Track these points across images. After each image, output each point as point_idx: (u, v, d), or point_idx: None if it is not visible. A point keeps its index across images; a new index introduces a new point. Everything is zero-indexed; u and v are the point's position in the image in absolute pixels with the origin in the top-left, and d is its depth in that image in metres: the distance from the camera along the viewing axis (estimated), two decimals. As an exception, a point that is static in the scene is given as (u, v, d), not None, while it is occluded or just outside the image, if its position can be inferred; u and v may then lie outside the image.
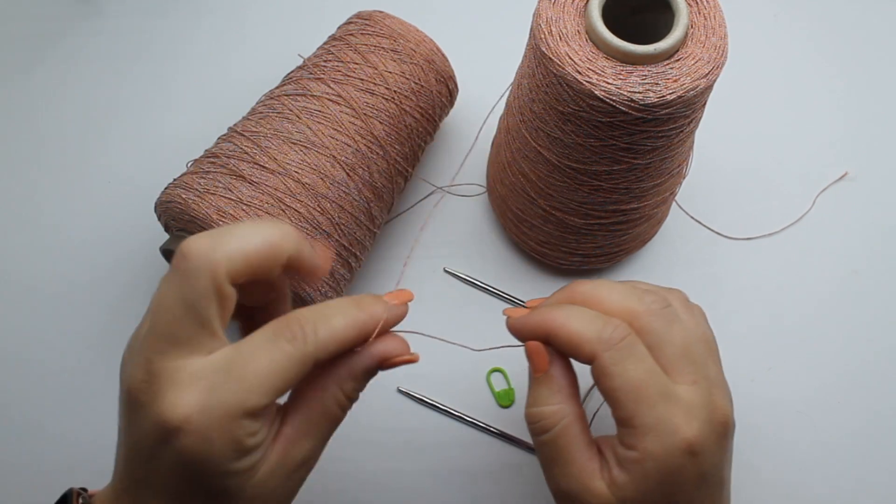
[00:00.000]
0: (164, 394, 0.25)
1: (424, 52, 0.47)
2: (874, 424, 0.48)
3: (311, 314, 0.27)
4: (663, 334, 0.30)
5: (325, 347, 0.27)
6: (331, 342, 0.27)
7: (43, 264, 0.52)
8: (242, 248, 0.26)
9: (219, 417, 0.25)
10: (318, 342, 0.27)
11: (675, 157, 0.41)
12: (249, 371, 0.25)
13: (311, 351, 0.26)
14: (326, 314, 0.27)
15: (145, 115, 0.57)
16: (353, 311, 0.28)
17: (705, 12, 0.37)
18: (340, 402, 0.29)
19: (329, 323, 0.27)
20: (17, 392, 0.48)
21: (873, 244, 0.53)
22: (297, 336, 0.26)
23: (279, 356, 0.26)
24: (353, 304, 0.28)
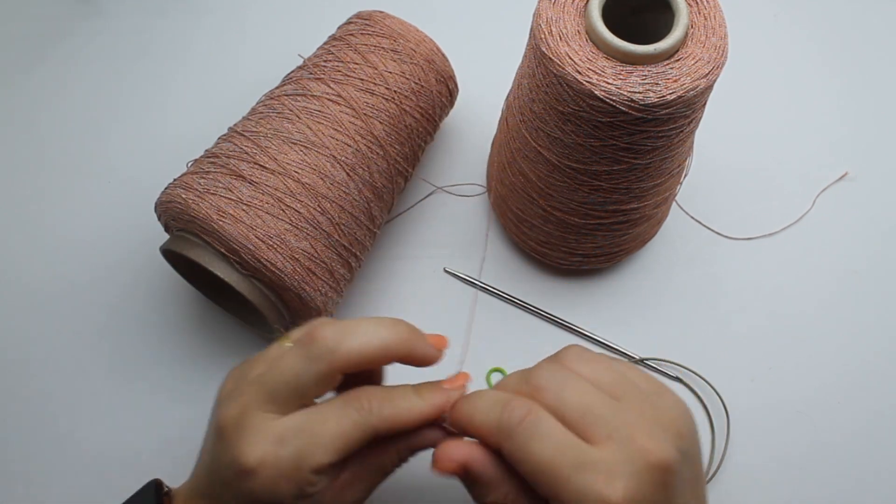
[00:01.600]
0: (248, 438, 0.30)
1: (424, 52, 0.47)
2: (874, 424, 0.48)
3: (381, 393, 0.31)
4: (559, 404, 0.29)
5: (386, 423, 0.31)
6: (391, 421, 0.31)
7: (43, 264, 0.52)
8: (362, 348, 0.30)
9: (287, 468, 0.29)
10: (381, 418, 0.31)
11: (676, 157, 0.41)
12: (319, 432, 0.30)
13: (374, 423, 0.30)
14: (393, 396, 0.31)
15: (145, 115, 0.57)
16: (416, 399, 0.32)
17: (705, 12, 0.37)
18: (395, 462, 0.33)
19: (393, 403, 0.31)
20: (17, 392, 0.48)
21: (873, 244, 0.53)
22: (365, 408, 0.30)
23: (346, 422, 0.30)
24: (416, 393, 0.32)
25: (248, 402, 0.31)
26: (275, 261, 0.40)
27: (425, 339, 0.33)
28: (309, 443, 0.29)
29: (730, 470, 0.46)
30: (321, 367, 0.30)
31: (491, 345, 0.49)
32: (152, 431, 0.47)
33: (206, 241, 0.41)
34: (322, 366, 0.30)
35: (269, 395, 0.30)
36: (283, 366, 0.31)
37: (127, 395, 0.48)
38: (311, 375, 0.30)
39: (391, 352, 0.31)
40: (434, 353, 0.33)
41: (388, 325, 0.32)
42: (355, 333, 0.31)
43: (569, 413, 0.29)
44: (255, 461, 0.29)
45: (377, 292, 0.51)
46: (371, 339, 0.31)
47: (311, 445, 0.29)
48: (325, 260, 0.42)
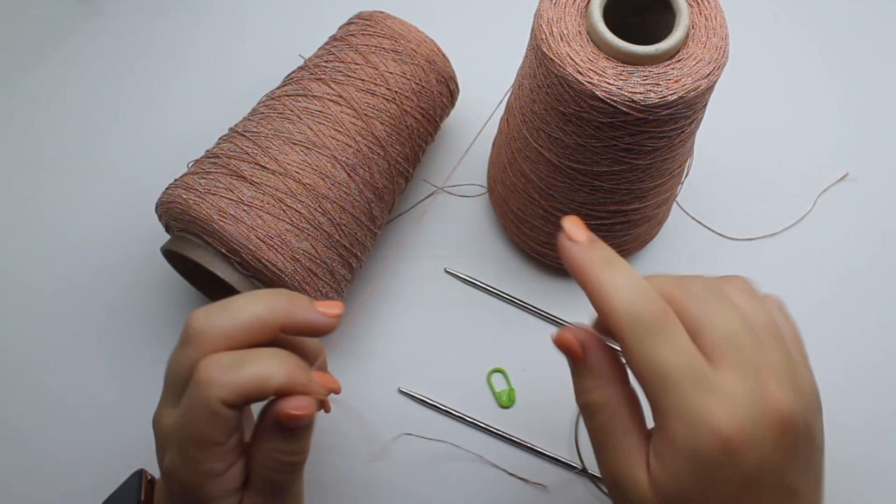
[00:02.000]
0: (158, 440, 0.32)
1: (425, 53, 0.47)
2: (875, 425, 0.48)
3: (228, 359, 0.29)
4: (704, 318, 0.27)
5: (232, 392, 0.29)
6: (235, 387, 0.29)
7: (43, 264, 0.52)
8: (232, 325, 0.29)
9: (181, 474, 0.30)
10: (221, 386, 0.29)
11: (676, 157, 0.41)
12: (184, 423, 0.30)
13: (214, 394, 0.29)
14: (241, 361, 0.29)
15: (146, 116, 0.57)
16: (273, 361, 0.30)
17: (706, 13, 0.37)
18: (269, 465, 0.31)
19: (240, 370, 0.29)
20: (17, 392, 0.48)
21: (874, 245, 0.53)
22: (203, 383, 0.29)
23: (195, 406, 0.29)
24: (274, 356, 0.30)
25: (161, 398, 0.32)
26: (275, 261, 0.40)
27: (310, 304, 0.31)
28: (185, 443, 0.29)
29: (730, 470, 0.46)
30: (191, 351, 0.29)
31: (491, 345, 0.49)
32: (151, 430, 0.46)
33: (206, 242, 0.41)
34: (193, 350, 0.29)
35: (166, 390, 0.31)
36: (170, 359, 0.31)
37: (127, 395, 0.48)
38: (186, 363, 0.29)
39: (265, 322, 0.30)
40: (320, 318, 0.31)
41: (261, 298, 0.30)
42: (224, 312, 0.30)
43: (709, 333, 0.27)
44: (166, 466, 0.30)
45: (378, 293, 0.51)
46: (239, 315, 0.30)
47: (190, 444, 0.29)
48: (325, 260, 0.42)
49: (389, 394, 0.48)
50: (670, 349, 0.26)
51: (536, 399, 0.48)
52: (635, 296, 0.27)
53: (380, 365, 0.49)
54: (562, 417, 0.47)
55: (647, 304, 0.27)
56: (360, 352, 0.49)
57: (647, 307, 0.26)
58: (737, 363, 0.26)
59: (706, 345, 0.26)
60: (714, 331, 0.27)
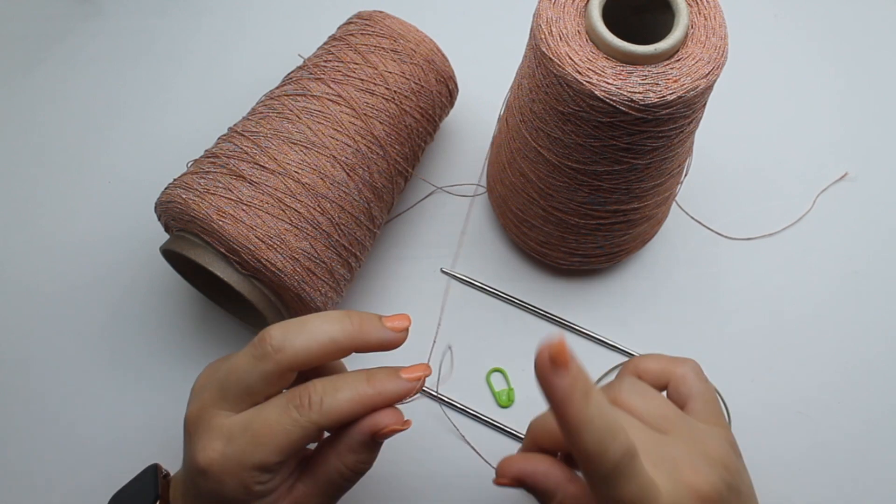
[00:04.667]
0: (202, 437, 0.31)
1: (424, 53, 0.47)
2: (874, 425, 0.48)
3: (321, 386, 0.31)
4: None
5: (329, 418, 0.30)
6: (334, 414, 0.30)
7: (43, 264, 0.52)
8: (307, 344, 0.31)
9: (232, 467, 0.30)
10: (322, 413, 0.30)
11: (676, 157, 0.41)
12: (262, 432, 0.30)
13: (315, 419, 0.30)
14: (336, 387, 0.31)
15: (145, 115, 0.57)
16: (362, 386, 0.31)
17: (705, 12, 0.37)
18: (342, 472, 0.32)
19: (336, 396, 0.31)
20: (17, 391, 0.48)
21: (873, 244, 0.53)
22: (304, 405, 0.30)
23: (286, 421, 0.30)
24: (364, 380, 0.32)
25: (206, 400, 0.32)
26: (275, 261, 0.40)
27: (380, 323, 0.32)
28: (251, 441, 0.30)
29: (730, 470, 0.46)
30: (267, 366, 0.30)
31: (491, 345, 0.49)
32: (152, 430, 0.47)
33: (206, 242, 0.41)
34: (268, 365, 0.30)
35: (223, 393, 0.31)
36: (234, 365, 0.31)
37: (127, 395, 0.48)
38: (257, 375, 0.31)
39: (340, 345, 0.31)
40: (391, 336, 0.32)
41: (335, 320, 0.31)
42: (301, 331, 0.31)
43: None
44: (206, 460, 0.30)
45: (377, 292, 0.51)
46: (316, 336, 0.31)
47: (253, 444, 0.30)
48: (325, 260, 0.42)
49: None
50: (633, 487, 0.27)
51: (536, 399, 0.48)
52: (605, 435, 0.28)
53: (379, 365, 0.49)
54: (561, 417, 0.47)
55: (614, 444, 0.28)
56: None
57: (613, 447, 0.28)
58: (651, 465, 0.28)
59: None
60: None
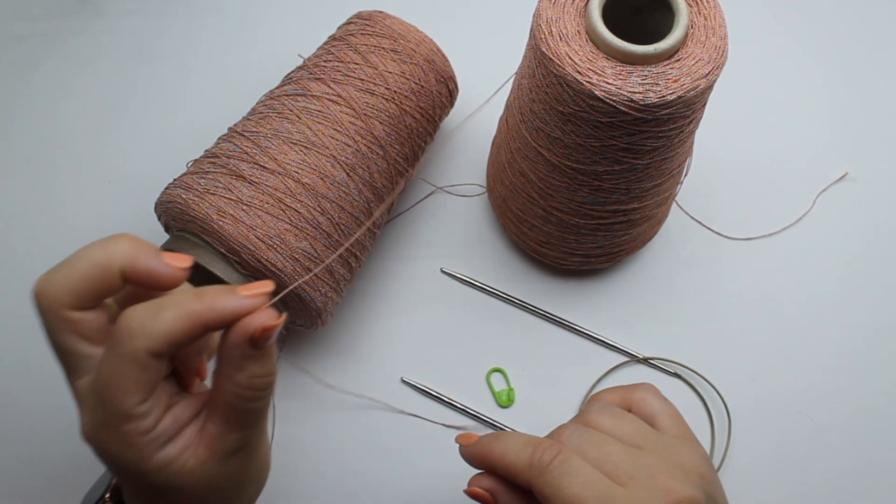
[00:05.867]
0: (80, 412, 0.29)
1: (424, 53, 0.47)
2: (874, 425, 0.48)
3: (143, 310, 0.27)
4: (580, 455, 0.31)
5: (156, 340, 0.27)
6: (160, 335, 0.27)
7: (43, 264, 0.51)
8: (69, 276, 0.28)
9: (102, 429, 0.27)
10: (147, 336, 0.26)
11: (676, 157, 0.41)
12: (103, 385, 0.27)
13: (140, 346, 0.26)
14: (159, 306, 0.27)
15: (145, 115, 0.57)
16: (189, 302, 0.27)
17: (705, 12, 0.37)
18: (239, 394, 0.28)
19: (160, 316, 0.27)
20: (17, 391, 0.48)
21: (873, 244, 0.53)
22: (125, 334, 0.27)
23: (116, 362, 0.27)
24: (192, 296, 0.28)
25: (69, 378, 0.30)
26: (275, 261, 0.40)
27: (154, 253, 0.29)
28: (101, 399, 0.27)
29: (731, 470, 0.46)
30: (45, 314, 0.28)
31: (491, 345, 0.49)
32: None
33: (206, 242, 0.41)
34: (46, 315, 0.28)
35: (62, 364, 0.29)
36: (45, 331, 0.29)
37: (127, 395, 0.48)
38: (48, 328, 0.28)
39: (106, 269, 0.28)
40: (165, 270, 0.29)
41: (100, 244, 0.29)
42: (63, 264, 0.28)
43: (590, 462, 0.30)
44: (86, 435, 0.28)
45: (377, 292, 0.51)
46: (78, 264, 0.28)
47: (102, 399, 0.27)
48: (324, 260, 0.42)
49: (389, 392, 0.48)
50: (575, 478, 0.30)
51: (535, 398, 0.48)
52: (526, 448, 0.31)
53: (379, 365, 0.49)
54: (561, 417, 0.47)
55: (539, 451, 0.31)
56: (359, 352, 0.49)
57: (541, 453, 0.30)
58: (626, 475, 0.30)
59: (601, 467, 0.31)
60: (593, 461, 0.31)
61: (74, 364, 0.29)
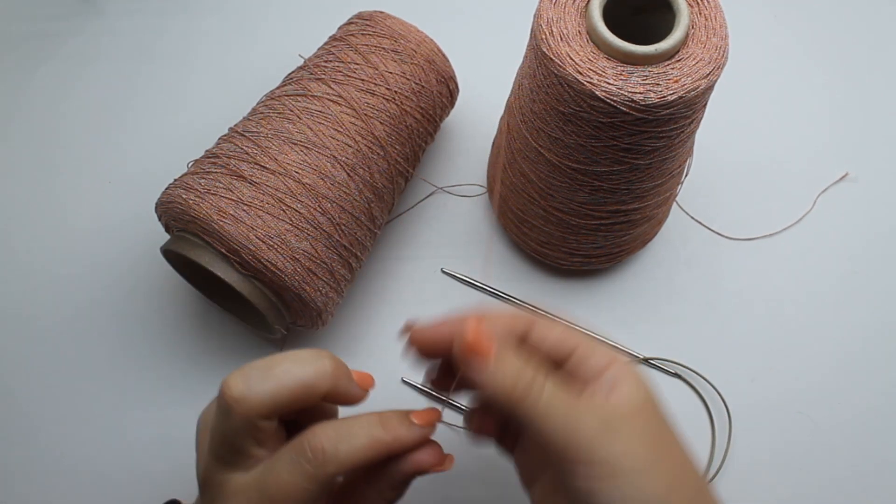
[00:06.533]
0: (217, 501, 0.29)
1: (425, 53, 0.47)
2: (875, 424, 0.48)
3: (333, 433, 0.28)
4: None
5: (346, 467, 0.28)
6: (350, 463, 0.28)
7: (43, 264, 0.52)
8: (275, 392, 0.28)
9: None
10: (338, 462, 0.28)
11: (676, 157, 0.41)
12: (278, 494, 0.28)
13: (331, 471, 0.28)
14: (350, 433, 0.29)
15: (146, 115, 0.57)
16: (378, 431, 0.29)
17: (706, 13, 0.37)
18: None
19: (351, 443, 0.28)
20: (17, 391, 0.48)
21: (874, 245, 0.53)
22: (318, 457, 0.28)
23: (301, 478, 0.28)
24: (378, 424, 0.29)
25: (207, 460, 0.30)
26: (275, 261, 0.40)
27: (350, 377, 0.30)
28: (284, 495, 0.28)
29: (731, 470, 0.46)
30: (233, 421, 0.28)
31: (491, 345, 0.49)
32: (152, 430, 0.47)
33: (206, 242, 0.41)
34: (234, 420, 0.28)
35: (215, 454, 0.29)
36: (214, 428, 0.29)
37: (127, 395, 0.48)
38: (230, 430, 0.28)
39: (312, 391, 0.29)
40: (358, 393, 0.31)
41: (306, 361, 0.29)
42: (265, 377, 0.28)
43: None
44: None
45: (378, 292, 0.51)
46: (283, 381, 0.28)
47: (286, 498, 0.28)
48: (325, 260, 0.42)
49: (389, 392, 0.48)
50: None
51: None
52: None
53: (379, 365, 0.49)
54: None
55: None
56: (359, 352, 0.49)
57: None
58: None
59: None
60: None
61: (236, 461, 0.29)
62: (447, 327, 0.31)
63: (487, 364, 0.29)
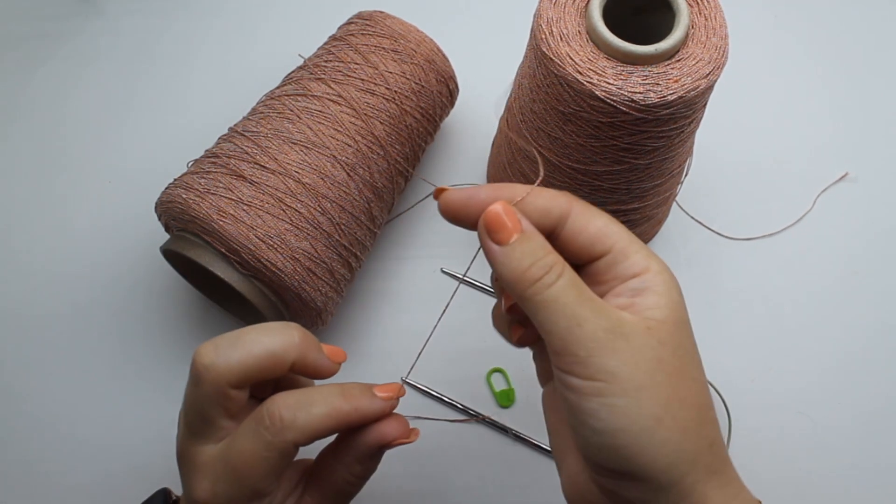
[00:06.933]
0: (190, 475, 0.30)
1: (425, 53, 0.47)
2: (874, 425, 0.48)
3: (293, 401, 0.29)
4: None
5: (304, 434, 0.28)
6: (309, 430, 0.28)
7: (43, 264, 0.52)
8: (243, 360, 0.28)
9: (226, 500, 0.29)
10: (296, 430, 0.28)
11: (676, 157, 0.41)
12: (240, 465, 0.29)
13: (290, 438, 0.28)
14: (309, 401, 0.29)
15: (146, 115, 0.57)
16: (337, 400, 0.29)
17: (706, 13, 0.37)
18: (349, 480, 0.31)
19: (310, 412, 0.29)
20: (17, 391, 0.48)
21: (873, 245, 0.53)
22: (276, 425, 0.28)
23: (260, 447, 0.28)
24: (338, 394, 0.29)
25: (182, 433, 0.31)
26: (275, 261, 0.40)
27: (320, 348, 0.30)
28: (234, 476, 0.29)
29: (730, 470, 0.46)
30: (204, 388, 0.28)
31: (491, 345, 0.49)
32: (151, 430, 0.47)
33: (206, 241, 0.41)
34: (204, 387, 0.28)
35: (188, 427, 0.30)
36: (187, 399, 0.30)
37: (127, 395, 0.48)
38: (201, 399, 0.29)
39: (280, 360, 0.29)
40: (328, 365, 0.31)
41: (274, 331, 0.29)
42: (234, 346, 0.29)
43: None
44: (199, 499, 0.29)
45: (378, 292, 0.51)
46: (251, 349, 0.29)
47: (236, 478, 0.29)
48: (325, 260, 0.42)
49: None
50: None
51: (536, 398, 0.48)
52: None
53: (379, 365, 0.49)
54: (561, 417, 0.48)
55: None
56: (359, 352, 0.49)
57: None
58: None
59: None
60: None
61: (205, 431, 0.30)
62: (480, 196, 0.29)
63: (507, 241, 0.27)
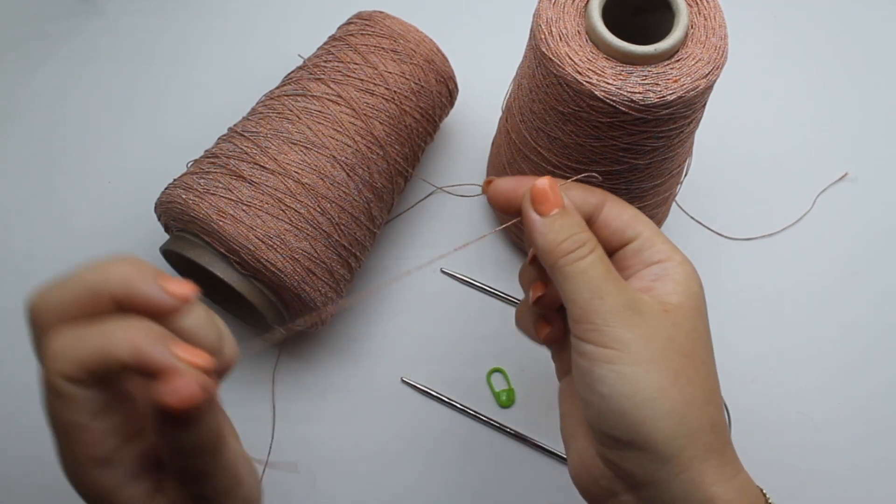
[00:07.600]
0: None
1: (424, 53, 0.47)
2: (875, 425, 0.48)
3: (70, 332, 0.25)
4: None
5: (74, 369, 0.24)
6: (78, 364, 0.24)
7: (43, 264, 0.52)
8: (61, 297, 0.26)
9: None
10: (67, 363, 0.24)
11: (676, 157, 0.41)
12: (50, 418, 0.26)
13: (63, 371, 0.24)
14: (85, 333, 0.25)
15: (145, 116, 0.57)
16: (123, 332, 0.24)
17: (705, 13, 0.37)
18: (184, 456, 0.25)
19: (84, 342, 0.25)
20: (17, 391, 0.48)
21: (873, 245, 0.53)
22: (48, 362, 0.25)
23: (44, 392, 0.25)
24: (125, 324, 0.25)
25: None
26: (274, 261, 0.40)
27: (153, 280, 0.25)
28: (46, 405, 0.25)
29: (730, 470, 0.46)
30: (36, 331, 0.26)
31: (491, 345, 0.49)
32: (152, 431, 0.47)
33: (206, 242, 0.41)
34: (35, 330, 0.26)
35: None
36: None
37: (127, 395, 0.48)
38: (35, 344, 0.26)
39: (98, 294, 0.25)
40: (163, 298, 0.25)
41: (98, 267, 0.26)
42: (60, 283, 0.26)
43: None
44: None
45: (377, 293, 0.51)
46: (72, 285, 0.26)
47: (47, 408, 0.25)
48: (324, 260, 0.42)
49: (389, 391, 0.48)
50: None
51: (536, 399, 0.48)
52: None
53: (379, 365, 0.49)
54: (561, 417, 0.48)
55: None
56: (359, 352, 0.49)
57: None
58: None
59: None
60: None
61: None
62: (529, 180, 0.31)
63: (548, 213, 0.29)
